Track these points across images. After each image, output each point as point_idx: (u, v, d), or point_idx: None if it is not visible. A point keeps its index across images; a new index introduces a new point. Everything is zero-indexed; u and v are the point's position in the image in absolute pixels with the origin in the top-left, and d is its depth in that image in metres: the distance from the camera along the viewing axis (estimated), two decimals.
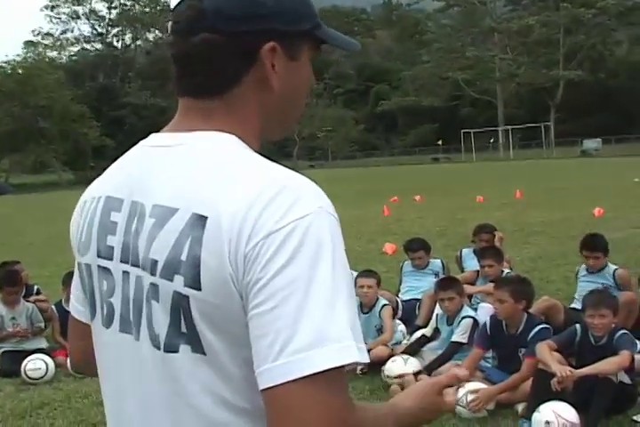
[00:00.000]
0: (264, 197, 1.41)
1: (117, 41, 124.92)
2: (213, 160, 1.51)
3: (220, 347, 1.46)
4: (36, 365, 8.34)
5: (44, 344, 9.15)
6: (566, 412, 5.82)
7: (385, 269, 12.59)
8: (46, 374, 8.30)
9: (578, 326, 6.57)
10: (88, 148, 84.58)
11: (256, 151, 1.60)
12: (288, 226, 1.38)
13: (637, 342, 6.86)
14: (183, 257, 1.44)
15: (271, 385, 1.34)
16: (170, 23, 1.62)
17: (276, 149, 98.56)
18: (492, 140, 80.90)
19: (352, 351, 1.36)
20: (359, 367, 7.68)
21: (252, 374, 1.41)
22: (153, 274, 1.50)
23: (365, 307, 8.32)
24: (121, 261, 1.60)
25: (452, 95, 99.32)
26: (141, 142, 1.70)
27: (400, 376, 7.18)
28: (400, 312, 9.24)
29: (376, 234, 19.08)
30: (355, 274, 9.19)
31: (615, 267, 8.60)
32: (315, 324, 1.34)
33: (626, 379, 6.19)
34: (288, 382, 1.33)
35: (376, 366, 7.45)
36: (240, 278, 1.40)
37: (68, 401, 7.49)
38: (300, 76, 1.68)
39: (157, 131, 1.69)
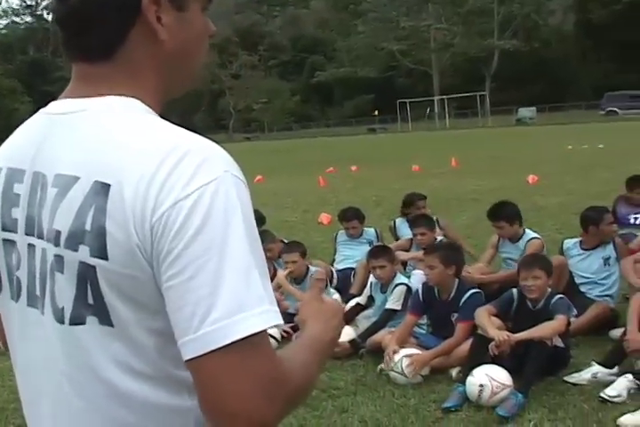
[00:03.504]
0: (167, 163, 1.37)
1: (48, 13, 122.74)
2: (113, 126, 1.46)
3: (130, 317, 1.43)
4: None
5: None
6: (499, 375, 5.90)
7: (321, 239, 12.65)
8: None
9: (515, 290, 6.65)
10: (20, 123, 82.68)
11: (158, 113, 1.56)
12: (194, 193, 1.35)
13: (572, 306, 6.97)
14: (87, 227, 1.40)
15: (195, 356, 1.33)
16: None
17: (211, 122, 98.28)
18: (428, 111, 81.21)
19: (269, 316, 1.36)
20: (294, 336, 7.69)
21: (164, 344, 1.42)
22: (57, 245, 1.46)
23: (297, 278, 8.30)
24: (26, 234, 1.55)
25: (387, 66, 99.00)
26: (41, 110, 1.64)
27: None
28: (335, 281, 9.25)
29: (312, 205, 19.04)
30: None
31: (533, 236, 8.47)
32: (232, 291, 1.33)
33: (560, 343, 6.29)
34: (212, 351, 1.31)
35: None
36: (149, 248, 1.36)
37: (0, 379, 7.38)
38: (193, 27, 1.61)
39: None
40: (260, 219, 9.98)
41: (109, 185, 1.38)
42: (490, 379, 5.84)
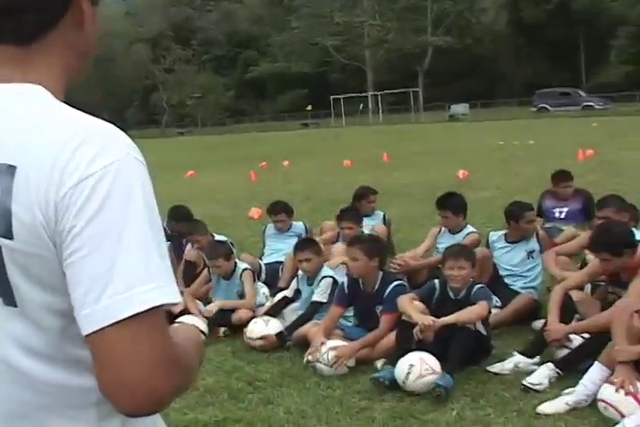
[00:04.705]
0: (71, 144, 1.40)
1: None
2: (19, 111, 1.49)
3: (34, 298, 1.44)
4: None
5: None
6: (430, 360, 6.02)
7: (250, 234, 12.68)
8: None
9: (436, 281, 6.78)
10: None
11: (62, 100, 1.58)
12: (97, 173, 1.39)
13: (494, 296, 7.08)
14: None
15: (92, 330, 1.35)
16: None
17: (144, 117, 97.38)
18: (362, 107, 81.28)
19: (167, 291, 1.39)
20: (221, 330, 7.72)
21: (67, 324, 1.44)
22: None
23: (225, 276, 8.29)
24: None
25: (321, 61, 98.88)
26: None
27: (262, 338, 7.20)
28: (263, 275, 9.27)
29: (242, 200, 18.99)
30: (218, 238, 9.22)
31: (471, 230, 8.66)
32: (130, 268, 1.37)
33: (482, 329, 6.40)
34: (109, 325, 1.34)
35: (238, 328, 7.52)
36: (52, 227, 1.39)
37: None
38: (97, 21, 1.68)
39: None
40: (186, 214, 10.00)
41: (15, 167, 1.41)
42: (421, 361, 5.95)
